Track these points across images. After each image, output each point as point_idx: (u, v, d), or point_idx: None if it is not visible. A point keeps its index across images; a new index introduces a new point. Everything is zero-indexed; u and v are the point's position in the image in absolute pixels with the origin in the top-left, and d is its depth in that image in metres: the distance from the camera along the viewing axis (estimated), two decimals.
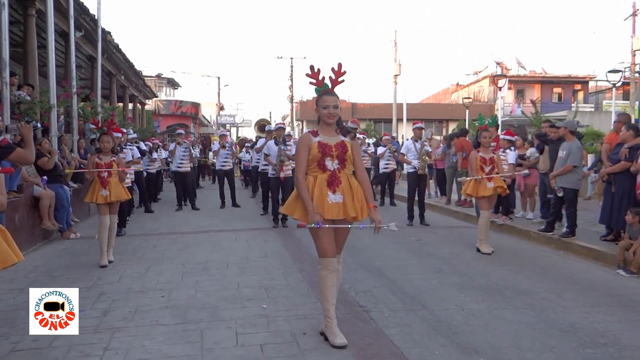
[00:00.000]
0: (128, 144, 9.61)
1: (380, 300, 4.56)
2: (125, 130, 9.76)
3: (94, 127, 6.57)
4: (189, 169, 11.63)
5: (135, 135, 11.70)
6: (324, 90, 3.62)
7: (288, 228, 8.51)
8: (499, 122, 11.15)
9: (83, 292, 4.63)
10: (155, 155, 12.05)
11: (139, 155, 9.95)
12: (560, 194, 7.01)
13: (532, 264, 6.08)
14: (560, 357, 3.36)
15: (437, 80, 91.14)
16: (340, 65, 3.65)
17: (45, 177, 7.60)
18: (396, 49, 28.84)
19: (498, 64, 34.12)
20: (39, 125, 9.03)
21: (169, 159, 12.67)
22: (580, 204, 7.59)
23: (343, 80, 3.65)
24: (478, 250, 6.65)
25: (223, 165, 11.73)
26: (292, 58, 37.14)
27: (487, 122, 6.90)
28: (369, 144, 12.98)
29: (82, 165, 9.77)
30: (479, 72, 37.32)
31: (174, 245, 7.07)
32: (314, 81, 3.64)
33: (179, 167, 11.32)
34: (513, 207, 9.28)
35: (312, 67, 3.66)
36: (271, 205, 9.23)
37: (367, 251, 6.66)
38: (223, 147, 11.66)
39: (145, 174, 11.10)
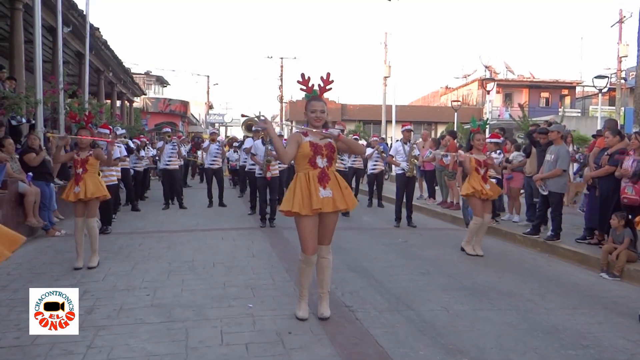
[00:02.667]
0: (117, 141, 9.54)
1: (367, 300, 4.57)
2: (113, 128, 9.68)
3: (72, 121, 6.28)
4: (177, 166, 11.57)
5: (124, 132, 11.59)
6: (312, 96, 3.96)
7: (275, 228, 8.50)
8: (487, 126, 11.14)
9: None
10: (142, 153, 11.97)
11: (126, 154, 9.88)
12: (545, 193, 7.08)
13: (517, 266, 6.14)
14: (542, 358, 3.40)
15: (426, 83, 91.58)
16: (328, 74, 3.99)
17: (30, 174, 7.53)
18: (386, 51, 28.99)
19: (487, 67, 34.40)
20: (24, 120, 8.94)
21: (157, 157, 12.60)
22: (566, 207, 7.69)
23: (331, 88, 3.99)
24: (462, 249, 6.74)
25: (212, 164, 11.68)
26: (282, 58, 37.23)
27: (479, 124, 6.93)
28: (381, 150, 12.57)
29: (69, 166, 9.70)
30: (468, 75, 37.65)
31: (160, 244, 7.03)
32: (305, 88, 3.98)
33: (167, 164, 11.26)
34: (501, 210, 9.37)
35: (302, 75, 4.01)
36: (259, 205, 9.21)
37: (354, 252, 6.68)
38: (213, 140, 11.74)
39: (132, 171, 11.02)
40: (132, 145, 11.16)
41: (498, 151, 8.81)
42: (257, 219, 9.07)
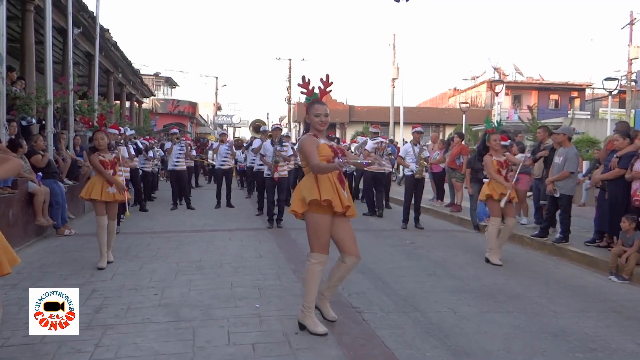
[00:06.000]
0: (129, 141, 9.61)
1: (373, 301, 4.57)
2: (122, 129, 9.74)
3: (85, 125, 6.27)
4: (185, 167, 11.62)
5: (133, 132, 11.70)
6: (314, 100, 3.84)
7: (283, 229, 8.52)
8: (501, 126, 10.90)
9: None
10: (151, 153, 12.04)
11: (134, 154, 9.94)
12: (557, 195, 7.01)
13: (524, 269, 6.10)
14: None
15: (434, 85, 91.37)
16: (328, 76, 3.89)
17: (40, 173, 7.59)
18: (394, 53, 28.91)
19: (496, 69, 34.26)
20: (34, 121, 9.02)
21: (166, 157, 12.68)
22: (574, 210, 7.63)
23: (331, 90, 3.88)
24: (487, 260, 6.28)
25: (222, 165, 11.73)
26: (290, 59, 37.29)
27: (493, 125, 6.77)
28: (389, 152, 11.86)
29: (78, 165, 9.79)
30: (477, 77, 37.47)
31: (168, 244, 7.06)
32: (305, 91, 3.89)
33: (175, 165, 11.33)
34: None
35: (303, 78, 3.93)
36: (266, 206, 9.23)
37: (361, 253, 6.57)
38: (222, 142, 11.78)
39: (140, 172, 11.09)
40: (140, 145, 11.24)
41: (507, 153, 8.75)
42: (265, 220, 9.09)
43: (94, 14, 12.19)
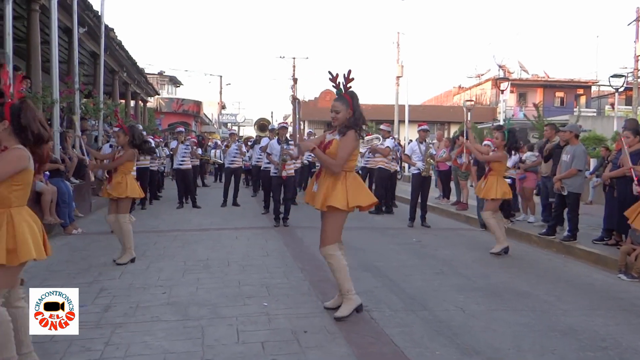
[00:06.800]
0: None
1: (381, 300, 4.56)
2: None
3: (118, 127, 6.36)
4: (190, 166, 11.64)
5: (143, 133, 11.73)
6: (338, 94, 4.08)
7: (289, 227, 8.52)
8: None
9: (84, 287, 4.65)
10: (157, 152, 12.06)
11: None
12: (564, 193, 6.99)
13: (532, 267, 6.08)
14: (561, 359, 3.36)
15: (439, 83, 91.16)
16: (350, 71, 4.03)
17: (47, 172, 7.61)
18: (399, 51, 28.90)
19: (501, 67, 34.15)
20: None
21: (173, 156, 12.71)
22: (582, 208, 7.59)
23: (351, 87, 4.07)
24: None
25: (232, 163, 11.76)
26: (294, 58, 37.19)
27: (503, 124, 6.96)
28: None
29: (85, 164, 9.81)
30: (482, 75, 37.37)
31: (175, 243, 7.07)
32: (335, 85, 4.08)
33: (180, 164, 11.36)
34: (515, 210, 9.29)
35: (330, 73, 4.10)
36: (272, 205, 9.22)
37: (368, 251, 6.66)
38: (228, 146, 11.83)
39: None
40: (152, 144, 11.25)
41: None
42: (271, 219, 9.08)
43: (99, 13, 12.21)
